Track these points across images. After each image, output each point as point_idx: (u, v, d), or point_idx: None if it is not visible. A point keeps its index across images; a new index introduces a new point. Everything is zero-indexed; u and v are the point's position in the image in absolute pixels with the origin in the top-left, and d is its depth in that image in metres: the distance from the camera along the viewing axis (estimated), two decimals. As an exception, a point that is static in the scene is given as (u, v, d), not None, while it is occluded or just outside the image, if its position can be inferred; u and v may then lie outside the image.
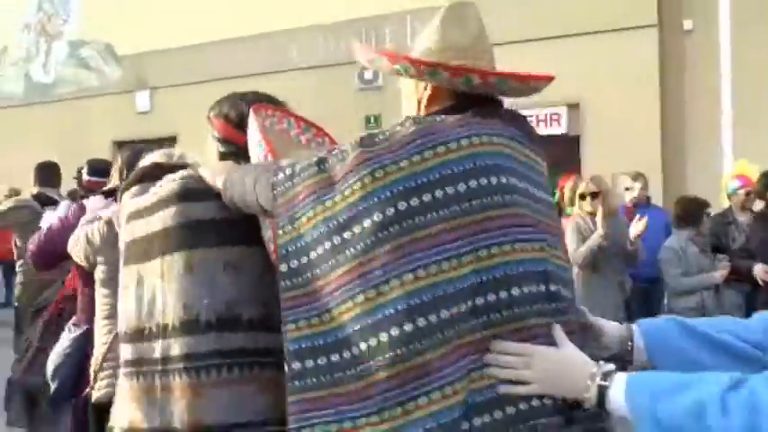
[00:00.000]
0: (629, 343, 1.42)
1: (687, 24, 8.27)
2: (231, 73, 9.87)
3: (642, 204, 6.06)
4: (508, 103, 1.47)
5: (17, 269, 5.50)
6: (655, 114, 7.99)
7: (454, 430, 1.20)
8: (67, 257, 2.83)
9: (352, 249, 1.27)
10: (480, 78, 1.35)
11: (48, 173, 5.74)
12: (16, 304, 5.62)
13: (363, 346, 1.24)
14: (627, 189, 6.14)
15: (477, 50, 1.40)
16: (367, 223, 1.26)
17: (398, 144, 1.29)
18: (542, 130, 8.37)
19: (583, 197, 4.88)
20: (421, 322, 1.21)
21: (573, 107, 8.27)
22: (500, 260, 1.24)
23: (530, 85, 1.41)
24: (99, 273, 2.66)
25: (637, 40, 7.94)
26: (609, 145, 7.81)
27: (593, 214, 4.74)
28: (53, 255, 3.05)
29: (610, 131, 7.90)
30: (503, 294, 1.23)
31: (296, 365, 1.31)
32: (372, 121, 8.90)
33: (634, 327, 1.44)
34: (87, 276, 2.77)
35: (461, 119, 1.33)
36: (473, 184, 1.27)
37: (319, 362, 1.29)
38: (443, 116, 1.35)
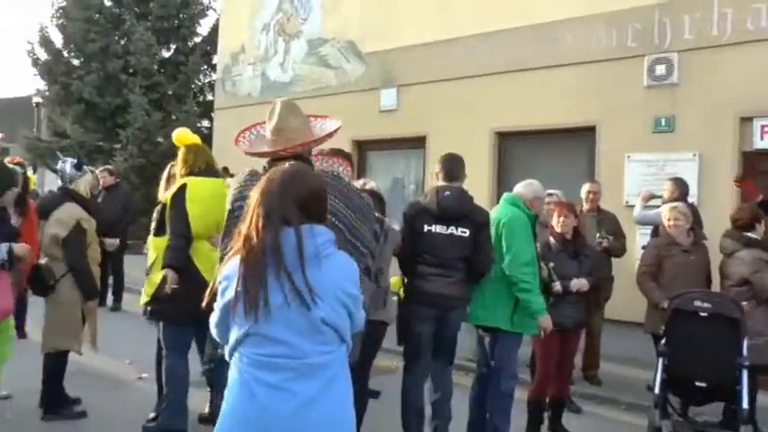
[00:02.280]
0: None
1: None
2: (490, 69, 9.21)
3: None
4: None
5: None
6: None
7: None
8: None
9: None
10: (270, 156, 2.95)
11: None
12: None
13: None
14: None
15: (278, 130, 2.94)
16: None
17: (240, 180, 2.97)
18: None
19: None
20: None
21: None
22: None
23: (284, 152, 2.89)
24: None
25: None
26: None
27: None
28: None
29: None
30: None
31: None
32: (663, 123, 7.78)
33: None
34: None
35: (251, 173, 2.93)
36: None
37: None
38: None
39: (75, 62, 19.10)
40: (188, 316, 4.67)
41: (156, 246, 4.79)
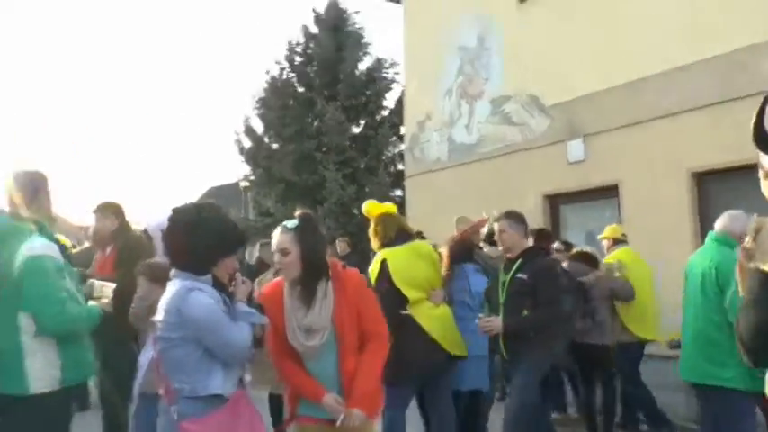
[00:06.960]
0: None
1: None
2: (680, 107, 9.09)
3: None
4: None
5: None
6: None
7: None
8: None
9: None
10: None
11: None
12: None
13: None
14: None
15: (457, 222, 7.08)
16: None
17: None
18: None
19: None
20: None
21: None
22: None
23: None
24: None
25: None
26: None
27: None
28: None
29: None
30: None
31: None
32: None
33: None
34: None
35: None
36: None
37: None
38: None
39: (275, 146, 21.13)
40: (410, 376, 4.97)
41: None
